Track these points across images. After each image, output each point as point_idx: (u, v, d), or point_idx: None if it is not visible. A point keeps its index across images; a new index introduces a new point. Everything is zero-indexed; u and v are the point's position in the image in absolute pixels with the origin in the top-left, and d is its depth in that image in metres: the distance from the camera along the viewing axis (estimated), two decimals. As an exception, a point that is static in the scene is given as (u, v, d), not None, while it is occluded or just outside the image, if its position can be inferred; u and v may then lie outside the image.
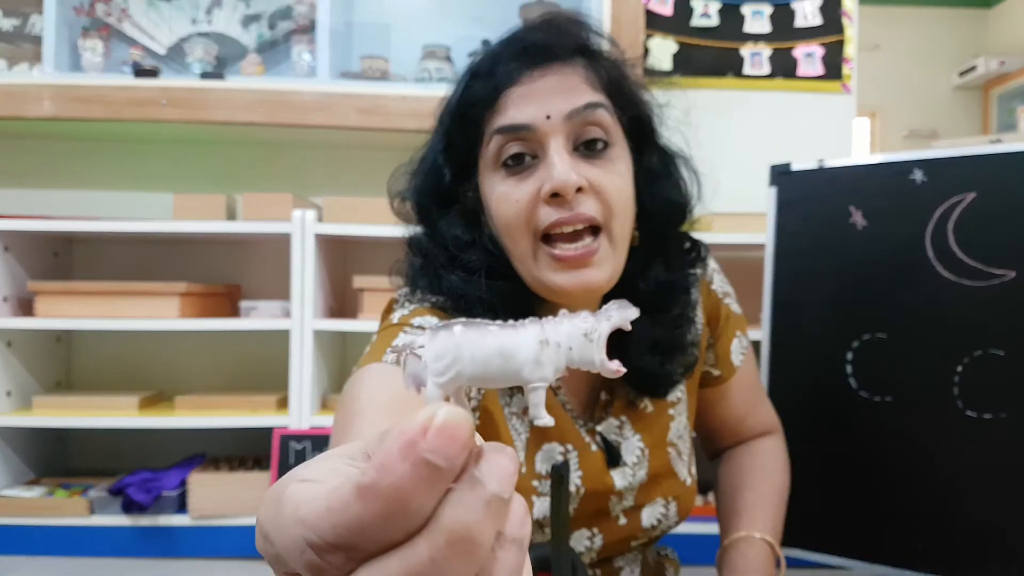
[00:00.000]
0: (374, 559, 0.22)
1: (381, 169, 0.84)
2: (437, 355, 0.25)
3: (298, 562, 0.23)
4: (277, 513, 0.24)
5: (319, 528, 0.22)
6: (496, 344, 0.25)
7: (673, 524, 0.83)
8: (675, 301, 0.78)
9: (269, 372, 1.73)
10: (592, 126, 0.70)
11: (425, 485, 0.21)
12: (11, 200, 1.85)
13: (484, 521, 0.22)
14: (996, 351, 1.02)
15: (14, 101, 1.66)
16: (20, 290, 1.63)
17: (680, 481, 0.83)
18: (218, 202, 1.66)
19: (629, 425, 0.81)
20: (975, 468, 1.02)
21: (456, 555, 0.21)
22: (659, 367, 0.77)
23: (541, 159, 0.69)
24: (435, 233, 0.76)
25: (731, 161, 1.77)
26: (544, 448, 0.77)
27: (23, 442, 1.66)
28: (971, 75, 4.49)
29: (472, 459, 0.22)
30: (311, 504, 0.23)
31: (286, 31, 1.91)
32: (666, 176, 0.77)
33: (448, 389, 0.25)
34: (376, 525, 0.21)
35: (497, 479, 0.22)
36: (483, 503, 0.22)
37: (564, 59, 0.71)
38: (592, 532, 0.78)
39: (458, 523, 0.21)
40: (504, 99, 0.70)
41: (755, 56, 1.87)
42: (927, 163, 1.09)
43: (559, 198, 0.68)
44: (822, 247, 1.18)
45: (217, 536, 1.53)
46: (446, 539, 0.21)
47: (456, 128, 0.74)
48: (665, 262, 0.77)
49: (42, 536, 1.51)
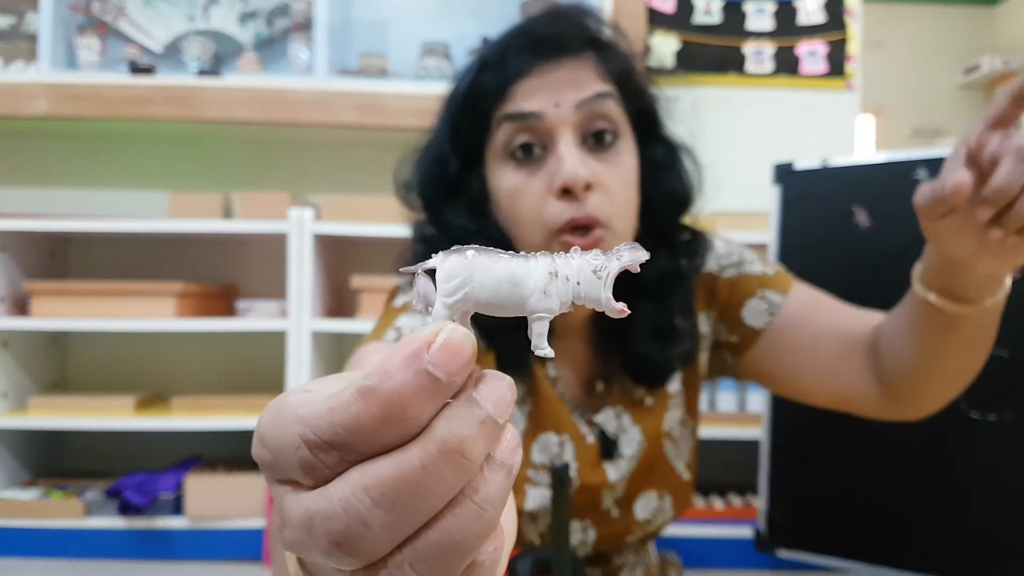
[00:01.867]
0: (367, 461, 0.23)
1: (380, 167, 0.84)
2: (448, 275, 0.25)
3: (292, 459, 0.23)
4: (276, 415, 0.25)
5: (317, 425, 0.23)
6: (507, 270, 0.25)
7: (669, 519, 0.82)
8: (677, 289, 0.78)
9: (266, 373, 1.72)
10: (601, 118, 0.70)
11: (424, 395, 0.22)
12: (6, 199, 1.84)
13: (476, 438, 0.23)
14: (1000, 352, 1.00)
15: (9, 99, 1.65)
16: (16, 290, 1.62)
17: (676, 475, 0.82)
18: (215, 201, 1.65)
19: (629, 417, 0.80)
20: (979, 469, 1.02)
21: (446, 465, 0.22)
22: (660, 354, 0.77)
23: (550, 150, 0.70)
24: (440, 222, 0.76)
25: (734, 160, 1.76)
26: (540, 438, 0.77)
27: (18, 443, 1.65)
28: (975, 73, 4.48)
29: (472, 381, 0.24)
30: (311, 405, 0.23)
31: (283, 28, 1.90)
32: (670, 167, 0.78)
33: (455, 311, 0.26)
34: (373, 426, 0.22)
35: (493, 402, 0.23)
36: (477, 421, 0.23)
37: (574, 51, 0.72)
38: (584, 525, 0.78)
39: (452, 435, 0.23)
40: (514, 90, 0.70)
41: (758, 53, 1.86)
42: (931, 162, 1.08)
43: (569, 193, 0.68)
44: (826, 246, 1.17)
45: (214, 538, 1.52)
46: (438, 448, 0.22)
47: (464, 118, 0.74)
48: (667, 251, 0.78)
49: (37, 538, 1.50)
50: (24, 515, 1.51)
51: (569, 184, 0.67)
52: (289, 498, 0.24)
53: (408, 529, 0.23)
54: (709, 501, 1.54)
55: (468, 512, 0.23)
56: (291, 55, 1.86)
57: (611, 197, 0.70)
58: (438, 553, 0.23)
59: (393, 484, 0.22)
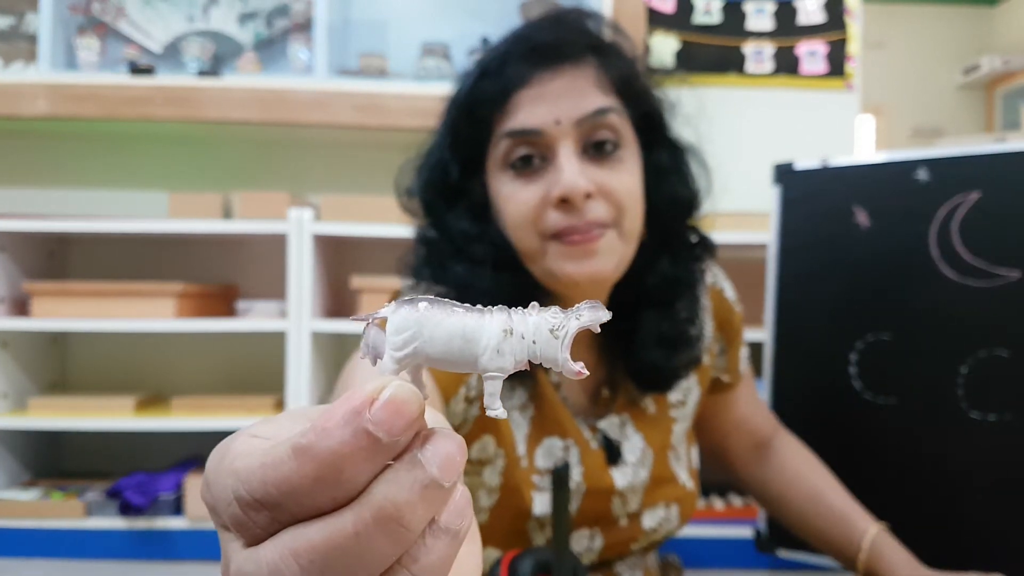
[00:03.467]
0: (298, 524, 0.22)
1: (379, 168, 0.84)
2: (397, 328, 0.24)
3: (225, 513, 0.23)
4: (219, 461, 0.23)
5: (249, 482, 0.22)
6: (459, 326, 0.24)
7: (675, 528, 0.82)
8: (681, 295, 0.78)
9: (266, 373, 1.72)
10: (602, 129, 0.70)
11: (362, 456, 0.21)
12: (6, 199, 1.85)
13: (416, 504, 0.21)
14: (1001, 352, 1.00)
15: (9, 99, 1.65)
16: (15, 290, 1.62)
17: (680, 485, 0.82)
18: (214, 201, 1.65)
19: (631, 424, 0.80)
20: (979, 469, 1.01)
21: (381, 533, 0.21)
22: (665, 361, 0.77)
23: (550, 161, 0.70)
24: (442, 227, 0.76)
25: (734, 160, 1.75)
26: (544, 443, 0.76)
27: (18, 444, 1.65)
28: (975, 73, 4.48)
29: (418, 440, 0.22)
30: (247, 458, 0.22)
31: (283, 28, 1.90)
32: (674, 171, 0.78)
33: (405, 364, 0.24)
34: (305, 488, 0.21)
35: (439, 463, 0.22)
36: (419, 485, 0.21)
37: (575, 58, 0.71)
38: (592, 532, 0.78)
39: (388, 501, 0.21)
40: (514, 100, 0.70)
41: (757, 53, 1.86)
42: (931, 162, 1.08)
43: (568, 203, 0.68)
44: (826, 247, 1.17)
45: (213, 539, 1.51)
46: (373, 515, 0.21)
47: (464, 126, 0.74)
48: (672, 257, 0.77)
49: (37, 538, 1.51)
50: (24, 515, 1.51)
51: (568, 194, 0.67)
52: (229, 547, 0.23)
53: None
54: (709, 501, 1.54)
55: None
56: (291, 55, 1.86)
57: (615, 200, 0.69)
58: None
59: (323, 551, 0.21)
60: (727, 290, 0.89)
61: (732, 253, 1.63)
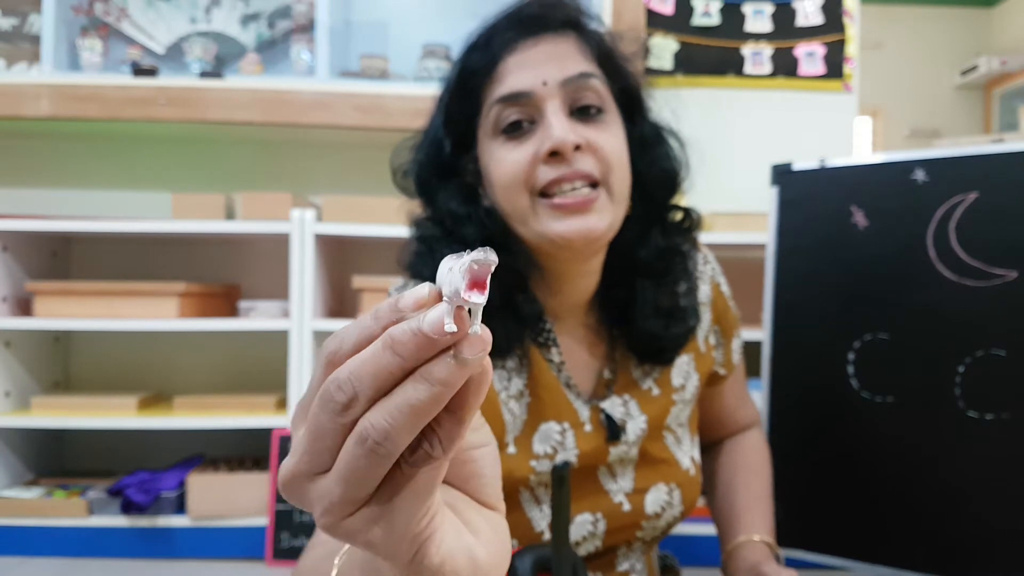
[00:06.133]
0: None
1: (381, 168, 0.85)
2: (439, 273, 0.32)
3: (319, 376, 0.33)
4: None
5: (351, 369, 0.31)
6: (445, 268, 0.30)
7: (678, 515, 0.83)
8: (674, 265, 0.81)
9: (268, 372, 1.73)
10: (587, 91, 0.73)
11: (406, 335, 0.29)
12: (9, 200, 1.85)
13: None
14: (998, 351, 1.01)
15: (12, 100, 1.66)
16: (18, 290, 1.62)
17: (682, 469, 0.83)
18: (217, 202, 1.65)
19: (635, 404, 0.81)
20: (977, 469, 1.02)
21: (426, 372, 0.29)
22: (663, 330, 0.79)
23: (539, 123, 0.72)
24: (433, 207, 0.79)
25: (732, 161, 1.77)
26: (541, 428, 0.78)
27: (21, 443, 1.65)
28: (973, 74, 4.49)
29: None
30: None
31: (285, 30, 1.91)
32: (658, 145, 0.80)
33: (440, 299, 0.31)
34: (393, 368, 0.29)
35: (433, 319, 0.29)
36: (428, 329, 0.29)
37: (556, 29, 0.75)
38: (595, 517, 0.78)
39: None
40: (502, 67, 0.73)
41: (756, 55, 1.86)
42: (929, 163, 1.09)
43: (558, 156, 0.71)
44: (824, 247, 1.18)
45: (216, 537, 1.52)
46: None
47: (456, 100, 0.77)
48: (662, 228, 0.80)
49: (40, 537, 1.51)
50: (27, 514, 1.52)
51: (558, 146, 0.69)
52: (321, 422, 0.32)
53: None
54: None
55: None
56: (293, 57, 1.86)
57: (602, 157, 0.72)
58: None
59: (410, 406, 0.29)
60: (723, 284, 0.92)
61: (730, 253, 1.64)
